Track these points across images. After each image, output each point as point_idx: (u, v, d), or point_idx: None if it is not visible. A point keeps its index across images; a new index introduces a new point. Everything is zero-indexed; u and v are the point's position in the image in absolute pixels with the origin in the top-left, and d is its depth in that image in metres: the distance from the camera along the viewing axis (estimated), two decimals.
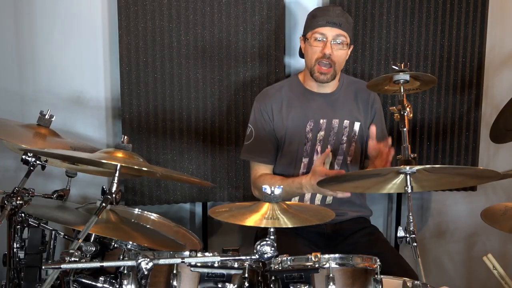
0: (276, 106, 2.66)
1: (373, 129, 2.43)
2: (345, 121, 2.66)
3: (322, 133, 2.65)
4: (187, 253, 1.84)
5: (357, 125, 2.67)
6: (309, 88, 2.68)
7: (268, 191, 1.89)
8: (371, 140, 2.42)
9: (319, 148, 2.64)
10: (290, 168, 2.67)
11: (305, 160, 2.64)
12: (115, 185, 1.87)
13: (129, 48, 2.90)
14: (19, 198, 2.07)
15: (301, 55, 2.71)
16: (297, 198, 2.64)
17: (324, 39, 2.55)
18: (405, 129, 2.04)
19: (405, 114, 2.06)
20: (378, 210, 3.24)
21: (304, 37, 2.63)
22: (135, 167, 1.96)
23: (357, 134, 2.66)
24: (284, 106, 2.66)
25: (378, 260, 1.92)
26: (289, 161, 2.66)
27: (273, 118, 2.66)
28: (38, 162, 2.21)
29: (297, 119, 2.65)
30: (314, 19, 2.58)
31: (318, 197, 2.64)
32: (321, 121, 2.64)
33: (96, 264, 1.68)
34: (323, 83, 2.61)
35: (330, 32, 2.55)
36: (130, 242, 2.06)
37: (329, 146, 2.63)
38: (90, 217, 1.77)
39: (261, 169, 2.68)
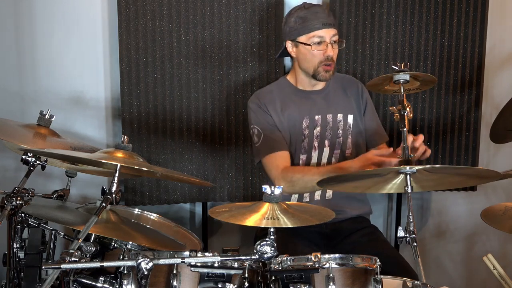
0: (272, 106, 2.66)
1: (420, 138, 2.29)
2: (339, 115, 2.67)
3: (318, 129, 2.66)
4: (187, 253, 1.84)
5: (350, 118, 2.68)
6: (302, 88, 2.70)
7: (268, 191, 1.89)
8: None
9: (316, 144, 2.65)
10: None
11: (303, 157, 2.65)
12: (115, 185, 1.87)
13: (129, 48, 2.90)
14: (19, 198, 2.06)
15: (283, 55, 2.73)
16: (296, 196, 2.65)
17: (323, 41, 2.56)
18: (405, 129, 2.04)
19: (405, 114, 2.07)
20: (378, 210, 3.24)
21: (295, 41, 2.59)
22: (135, 167, 1.96)
23: (352, 126, 2.68)
24: (278, 106, 2.66)
25: (378, 260, 1.92)
26: None
27: (271, 116, 2.66)
28: (38, 162, 2.20)
29: (292, 117, 2.66)
30: (306, 22, 2.55)
31: (318, 192, 2.64)
32: (316, 117, 2.66)
33: (96, 264, 1.68)
34: (327, 80, 2.63)
35: (327, 33, 2.55)
36: (130, 242, 2.06)
37: (326, 141, 2.64)
38: (90, 217, 1.77)
39: (281, 158, 2.58)
